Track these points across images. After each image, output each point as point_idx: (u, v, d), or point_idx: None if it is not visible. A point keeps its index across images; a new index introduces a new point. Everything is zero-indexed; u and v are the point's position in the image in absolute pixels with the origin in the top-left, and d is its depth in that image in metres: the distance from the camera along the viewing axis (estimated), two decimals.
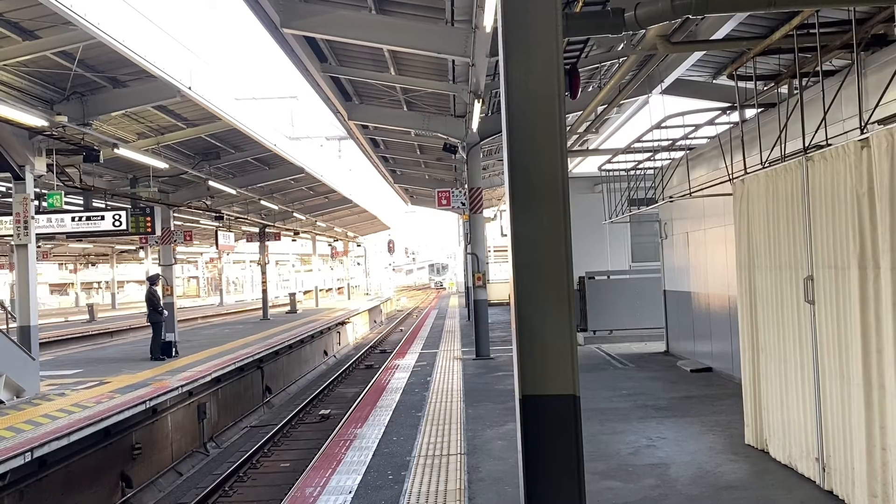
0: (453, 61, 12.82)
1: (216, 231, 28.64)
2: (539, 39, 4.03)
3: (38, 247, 18.09)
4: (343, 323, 31.04)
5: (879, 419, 5.39)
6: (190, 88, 13.05)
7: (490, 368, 14.37)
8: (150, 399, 11.76)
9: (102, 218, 17.22)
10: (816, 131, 7.17)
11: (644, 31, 8.09)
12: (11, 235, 13.05)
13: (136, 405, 11.23)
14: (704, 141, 12.46)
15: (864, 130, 6.21)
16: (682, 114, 11.51)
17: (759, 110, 10.17)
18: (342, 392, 19.28)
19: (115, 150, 14.58)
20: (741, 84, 10.05)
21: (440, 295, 61.80)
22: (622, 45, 11.08)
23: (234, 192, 23.42)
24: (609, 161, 15.55)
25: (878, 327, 5.38)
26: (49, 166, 13.31)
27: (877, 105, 6.61)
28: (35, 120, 10.91)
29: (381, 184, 34.61)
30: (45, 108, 12.67)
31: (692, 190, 11.67)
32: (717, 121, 11.24)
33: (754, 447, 7.57)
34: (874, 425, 5.44)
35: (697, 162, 12.79)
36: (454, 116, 16.88)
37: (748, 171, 8.63)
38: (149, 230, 17.89)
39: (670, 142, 12.94)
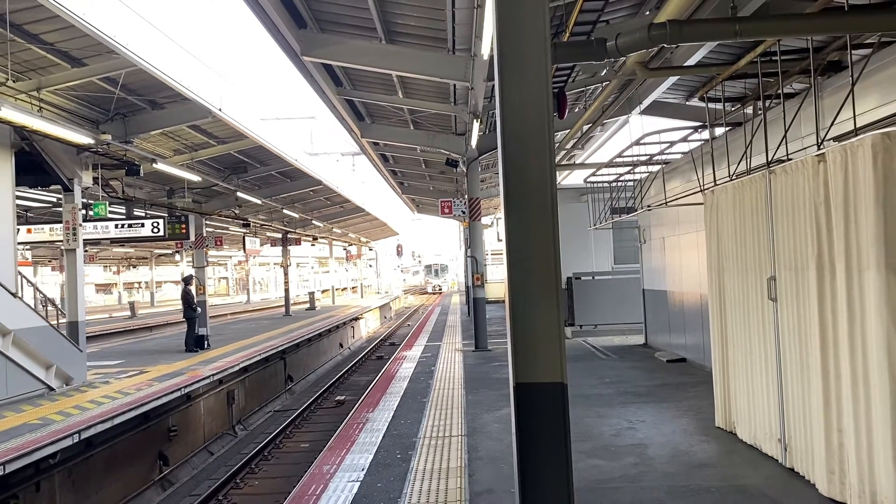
0: (454, 85, 12.84)
1: (244, 237, 28.70)
2: (530, 66, 4.03)
3: (86, 251, 18.12)
4: (356, 319, 31.05)
5: (836, 404, 5.39)
6: (220, 110, 13.08)
7: (488, 359, 14.37)
8: (185, 386, 11.77)
9: (142, 225, 17.29)
10: (778, 147, 7.17)
11: (624, 58, 8.11)
12: (62, 241, 13.10)
13: (172, 392, 11.24)
14: (678, 156, 12.47)
15: (821, 146, 6.20)
16: (659, 132, 11.54)
17: (728, 129, 10.18)
18: (356, 380, 19.29)
19: (154, 165, 14.62)
20: (711, 105, 10.07)
21: (443, 294, 61.41)
22: (605, 71, 11.10)
23: (259, 202, 23.45)
24: (593, 174, 15.56)
25: (834, 322, 5.38)
26: (95, 179, 13.34)
27: (832, 124, 6.61)
28: (82, 138, 10.94)
29: (391, 194, 34.66)
30: (92, 128, 12.71)
31: (668, 200, 11.67)
32: (689, 138, 11.26)
33: (723, 429, 7.57)
34: (831, 410, 5.44)
35: (672, 175, 12.80)
36: (455, 134, 16.90)
37: (717, 182, 8.62)
38: (184, 236, 17.94)
39: (648, 157, 12.95)
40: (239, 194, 21.07)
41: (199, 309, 17.43)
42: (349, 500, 6.02)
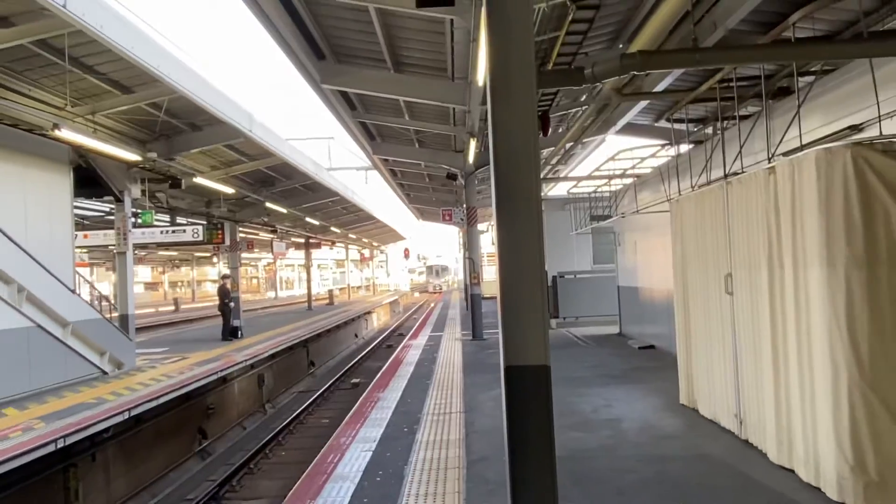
0: (454, 109, 12.85)
1: (272, 241, 28.67)
2: (518, 91, 4.04)
3: (135, 253, 18.03)
4: (369, 312, 31.07)
5: (785, 385, 5.40)
6: (251, 131, 13.09)
7: (483, 347, 14.35)
8: (221, 370, 11.78)
9: (184, 231, 17.34)
10: (734, 162, 7.19)
11: (601, 85, 8.12)
12: (114, 244, 13.13)
13: (210, 375, 11.25)
14: (648, 170, 12.50)
15: (771, 161, 6.22)
16: (631, 149, 11.61)
17: (691, 146, 10.21)
18: (369, 365, 19.28)
19: (194, 179, 14.63)
20: (676, 126, 10.09)
21: (444, 292, 60.66)
22: (584, 97, 11.11)
23: (285, 211, 23.39)
24: (575, 186, 15.61)
25: (782, 313, 5.39)
26: (143, 191, 13.38)
27: (780, 142, 6.63)
28: (131, 156, 10.96)
29: (399, 204, 34.64)
30: (140, 147, 12.72)
31: (639, 208, 11.69)
32: (657, 154, 11.29)
33: (687, 406, 7.57)
34: (781, 389, 5.45)
35: (643, 186, 12.81)
36: (455, 151, 16.90)
37: (682, 193, 8.63)
38: (220, 240, 18.00)
39: (622, 171, 13.00)
40: (267, 204, 21.02)
41: (233, 304, 17.46)
42: (363, 467, 6.03)
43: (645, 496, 5.02)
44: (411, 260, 70.97)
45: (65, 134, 8.91)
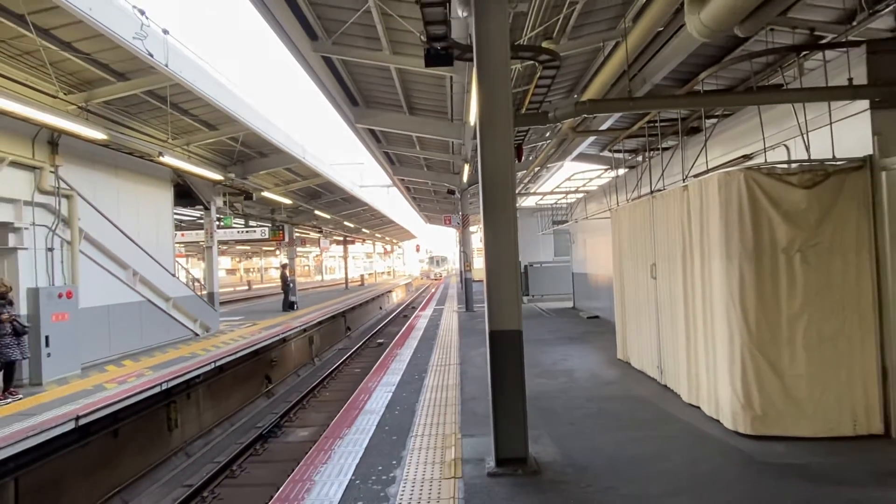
0: (452, 142, 12.82)
1: (319, 239, 28.61)
2: (500, 129, 4.04)
3: (218, 248, 17.95)
4: (390, 291, 31.00)
5: (693, 345, 5.41)
6: (304, 158, 13.07)
7: (473, 317, 14.34)
8: (282, 333, 11.79)
9: (255, 231, 17.32)
10: (658, 181, 7.17)
11: (561, 124, 8.09)
12: (204, 241, 13.14)
13: (274, 336, 11.26)
14: (595, 187, 12.45)
15: (685, 181, 6.21)
16: (583, 172, 11.55)
17: (626, 170, 10.17)
18: (390, 330, 19.25)
19: (262, 193, 14.60)
20: (616, 155, 10.05)
21: (443, 279, 59.94)
22: (549, 133, 11.07)
23: (328, 216, 23.34)
24: (541, 199, 15.56)
25: (692, 293, 5.39)
26: (224, 202, 13.36)
27: (692, 167, 6.62)
28: (216, 176, 10.94)
29: (411, 212, 34.52)
30: (222, 169, 12.70)
31: (588, 215, 11.67)
32: (602, 176, 11.24)
33: (622, 360, 7.57)
34: (691, 348, 5.46)
35: (591, 199, 12.78)
36: (453, 173, 16.86)
37: (619, 204, 8.62)
38: (281, 238, 17.95)
39: (576, 188, 12.94)
40: (316, 212, 21.01)
41: (291, 284, 17.45)
42: (385, 403, 6.04)
43: (590, 425, 5.04)
44: (421, 253, 70.78)
45: (167, 160, 8.90)
